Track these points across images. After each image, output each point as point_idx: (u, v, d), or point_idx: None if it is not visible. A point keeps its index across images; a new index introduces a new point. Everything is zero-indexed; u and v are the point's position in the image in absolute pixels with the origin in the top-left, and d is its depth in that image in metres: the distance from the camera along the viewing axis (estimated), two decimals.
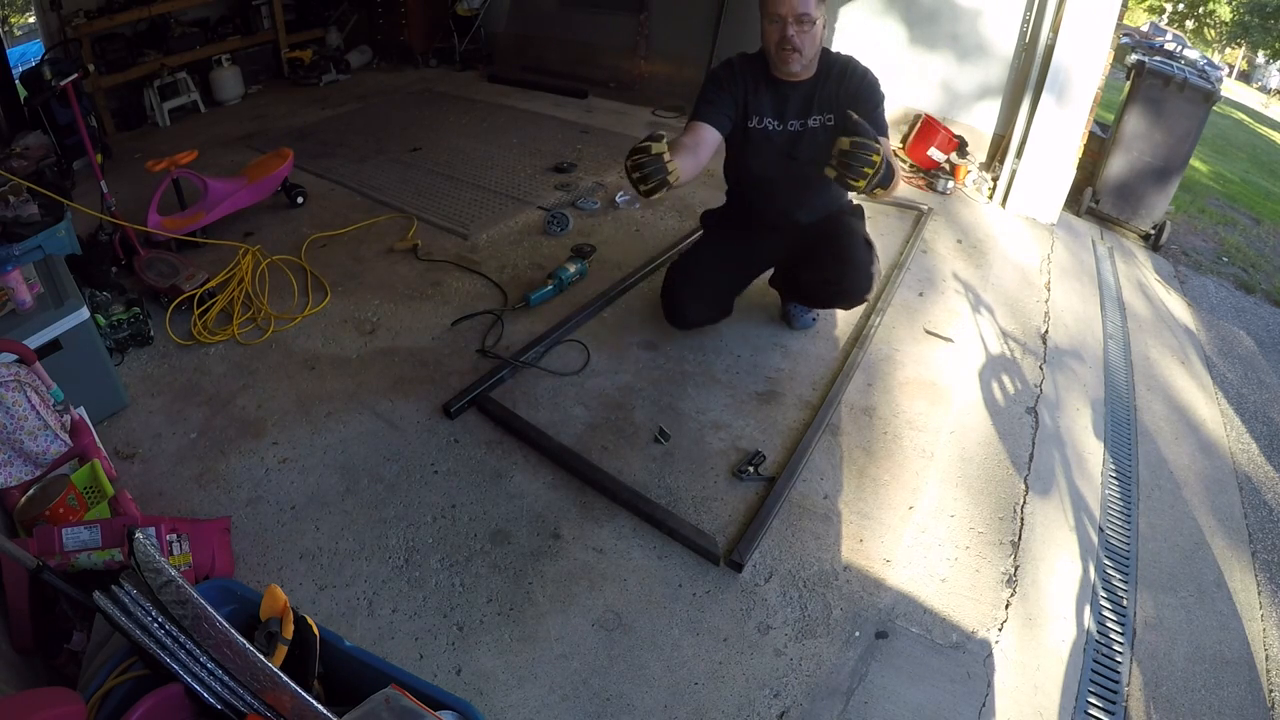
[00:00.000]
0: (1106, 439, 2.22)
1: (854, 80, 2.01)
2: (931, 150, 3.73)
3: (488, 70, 5.45)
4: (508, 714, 1.35)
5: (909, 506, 1.83)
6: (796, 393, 2.18)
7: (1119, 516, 1.96)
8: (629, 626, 1.51)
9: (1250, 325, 3.41)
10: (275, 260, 2.73)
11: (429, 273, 2.75)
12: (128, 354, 2.25)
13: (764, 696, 1.40)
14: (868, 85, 2.02)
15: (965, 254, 3.06)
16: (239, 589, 1.15)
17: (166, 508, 1.73)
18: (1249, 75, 21.74)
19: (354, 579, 1.59)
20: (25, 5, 4.78)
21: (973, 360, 2.38)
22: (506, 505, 1.78)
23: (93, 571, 1.24)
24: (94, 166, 2.65)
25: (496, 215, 3.19)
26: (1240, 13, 18.08)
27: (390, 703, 0.97)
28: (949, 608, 1.59)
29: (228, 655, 0.98)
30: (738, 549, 1.64)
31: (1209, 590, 1.81)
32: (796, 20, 1.87)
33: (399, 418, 2.03)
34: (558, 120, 4.43)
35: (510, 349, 2.30)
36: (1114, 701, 1.48)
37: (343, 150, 3.95)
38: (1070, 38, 3.22)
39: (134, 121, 4.56)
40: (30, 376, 1.53)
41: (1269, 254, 4.54)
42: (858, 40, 4.05)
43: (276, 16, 5.24)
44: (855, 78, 2.01)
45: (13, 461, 1.48)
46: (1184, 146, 3.57)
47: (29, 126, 3.48)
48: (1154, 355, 2.80)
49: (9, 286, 1.80)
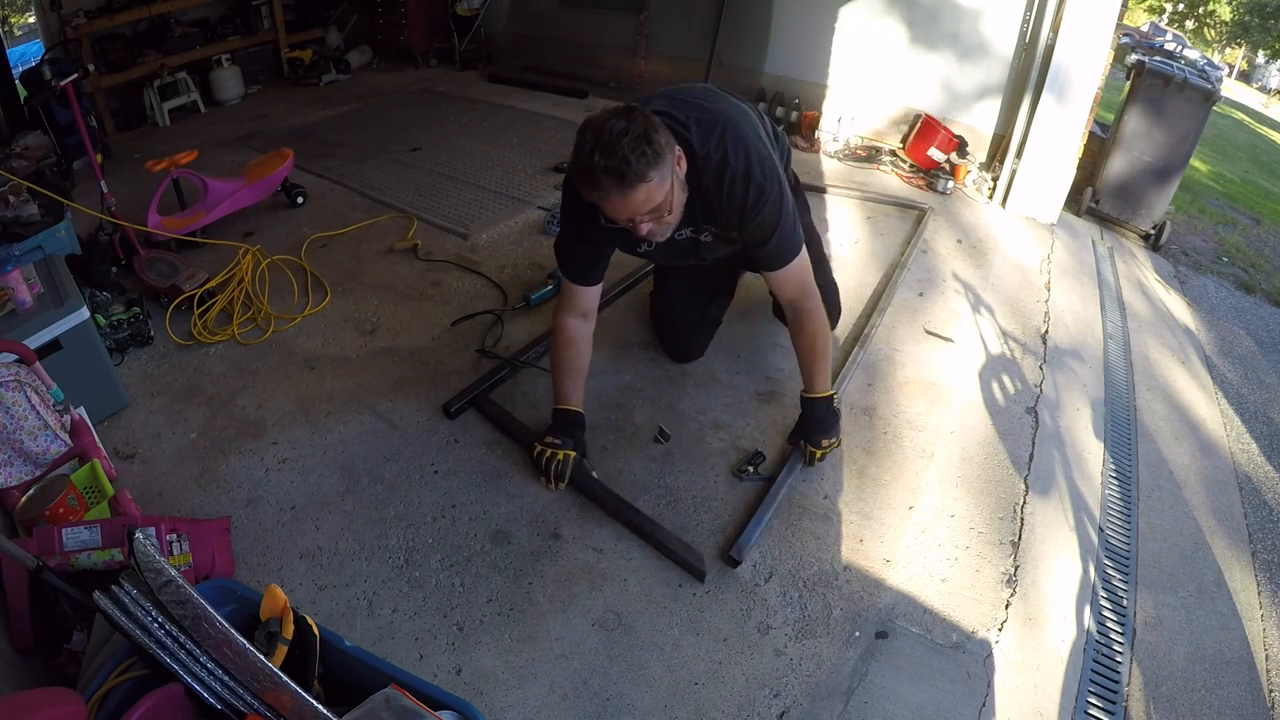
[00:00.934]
0: (1106, 439, 2.22)
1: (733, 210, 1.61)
2: (931, 150, 3.73)
3: (488, 70, 5.45)
4: (508, 714, 1.35)
5: (909, 506, 1.83)
6: (797, 392, 2.17)
7: (1119, 516, 1.96)
8: (629, 626, 1.51)
9: (1250, 325, 3.41)
10: (275, 260, 2.73)
11: (429, 273, 2.75)
12: (128, 354, 2.25)
13: (764, 696, 1.40)
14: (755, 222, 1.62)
15: (965, 254, 3.06)
16: (239, 589, 1.15)
17: (166, 508, 1.73)
18: (1249, 75, 21.74)
19: (354, 579, 1.59)
20: (25, 5, 4.78)
21: (973, 360, 2.38)
22: (506, 505, 1.78)
23: (93, 571, 1.24)
24: (94, 166, 2.65)
25: (496, 215, 3.19)
26: (1240, 13, 18.07)
27: (390, 703, 0.97)
28: (949, 608, 1.59)
29: (228, 655, 0.98)
30: (735, 545, 1.64)
31: (1209, 590, 1.81)
32: (644, 218, 1.49)
33: (399, 418, 2.03)
34: (558, 120, 4.43)
35: (510, 349, 2.30)
36: (1114, 701, 1.48)
37: (343, 150, 3.95)
38: (1070, 38, 3.22)
39: (134, 121, 4.57)
40: (30, 376, 1.53)
41: (1269, 254, 4.54)
42: (858, 40, 4.05)
43: (276, 16, 5.24)
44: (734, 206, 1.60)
45: (13, 461, 1.48)
46: (1184, 146, 3.57)
47: (29, 126, 3.48)
48: (1154, 355, 2.80)
49: (9, 286, 1.80)
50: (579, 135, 1.44)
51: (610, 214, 1.50)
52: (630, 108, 1.46)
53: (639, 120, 1.41)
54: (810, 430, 1.86)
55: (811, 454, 1.87)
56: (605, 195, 1.44)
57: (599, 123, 1.42)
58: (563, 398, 1.83)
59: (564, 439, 1.79)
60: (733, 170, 1.56)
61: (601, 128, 1.40)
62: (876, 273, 2.81)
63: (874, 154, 3.96)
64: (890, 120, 4.10)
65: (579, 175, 1.45)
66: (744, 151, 1.58)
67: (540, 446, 1.80)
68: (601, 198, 1.45)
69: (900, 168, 3.84)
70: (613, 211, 1.49)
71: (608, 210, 1.49)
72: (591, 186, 1.44)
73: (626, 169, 1.38)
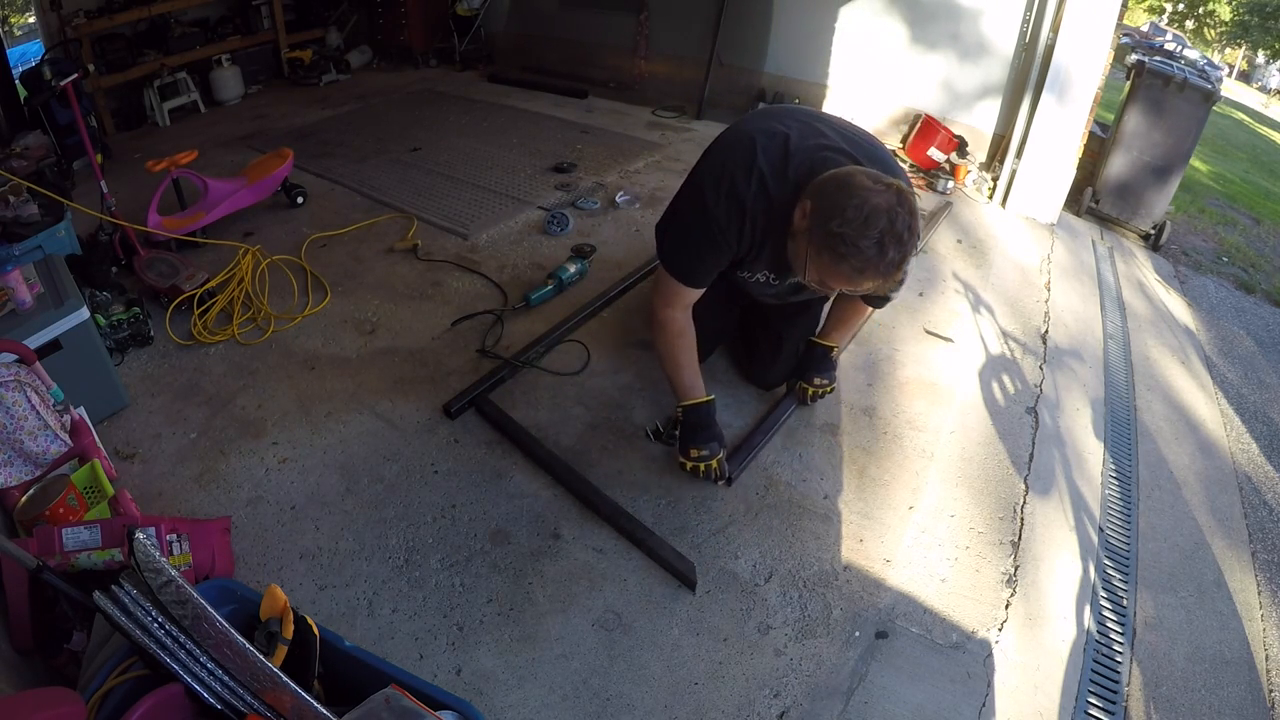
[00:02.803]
0: (1106, 439, 2.22)
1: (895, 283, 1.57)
2: (931, 150, 3.73)
3: (488, 70, 5.45)
4: (508, 714, 1.35)
5: (909, 506, 1.83)
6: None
7: (1119, 516, 1.96)
8: (629, 626, 1.51)
9: (1250, 325, 3.41)
10: (275, 260, 2.73)
11: (429, 273, 2.75)
12: (128, 354, 2.25)
13: (764, 696, 1.40)
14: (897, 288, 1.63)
15: (965, 254, 3.06)
16: (239, 589, 1.15)
17: (166, 508, 1.73)
18: (1249, 75, 21.73)
19: (354, 579, 1.59)
20: (25, 5, 4.78)
21: (973, 360, 2.38)
22: (506, 505, 1.78)
23: (93, 571, 1.24)
24: (94, 166, 2.64)
25: (496, 215, 3.19)
26: (1240, 13, 18.07)
27: (390, 703, 0.97)
28: (949, 608, 1.59)
29: (228, 655, 0.98)
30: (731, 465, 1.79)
31: (1209, 590, 1.81)
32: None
33: (399, 418, 2.03)
34: (558, 120, 4.43)
35: (510, 349, 2.30)
36: (1114, 701, 1.48)
37: (343, 150, 3.95)
38: (1070, 38, 3.22)
39: (134, 121, 4.56)
40: (30, 376, 1.53)
41: (1269, 254, 4.54)
42: (858, 40, 4.05)
43: (276, 16, 5.24)
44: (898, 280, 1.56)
45: (13, 461, 1.48)
46: (1184, 146, 3.57)
47: (29, 126, 3.48)
48: (1154, 355, 2.80)
49: (9, 286, 1.80)
50: (852, 201, 1.34)
51: (827, 284, 1.46)
52: (899, 188, 1.36)
53: (916, 212, 1.37)
54: (804, 369, 1.98)
55: (804, 390, 1.97)
56: (860, 279, 1.39)
57: (889, 207, 1.32)
58: (690, 391, 1.76)
59: (709, 445, 1.74)
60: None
61: (895, 219, 1.32)
62: None
63: None
64: (890, 120, 4.10)
65: (843, 251, 1.35)
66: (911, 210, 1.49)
67: (690, 463, 1.75)
68: (851, 279, 1.40)
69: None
70: (837, 284, 1.45)
71: (832, 281, 1.44)
72: (854, 271, 1.37)
73: (898, 272, 1.38)
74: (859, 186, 1.36)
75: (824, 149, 1.51)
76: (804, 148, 1.52)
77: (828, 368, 1.99)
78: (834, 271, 1.41)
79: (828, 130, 1.58)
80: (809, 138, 1.54)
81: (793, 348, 2.06)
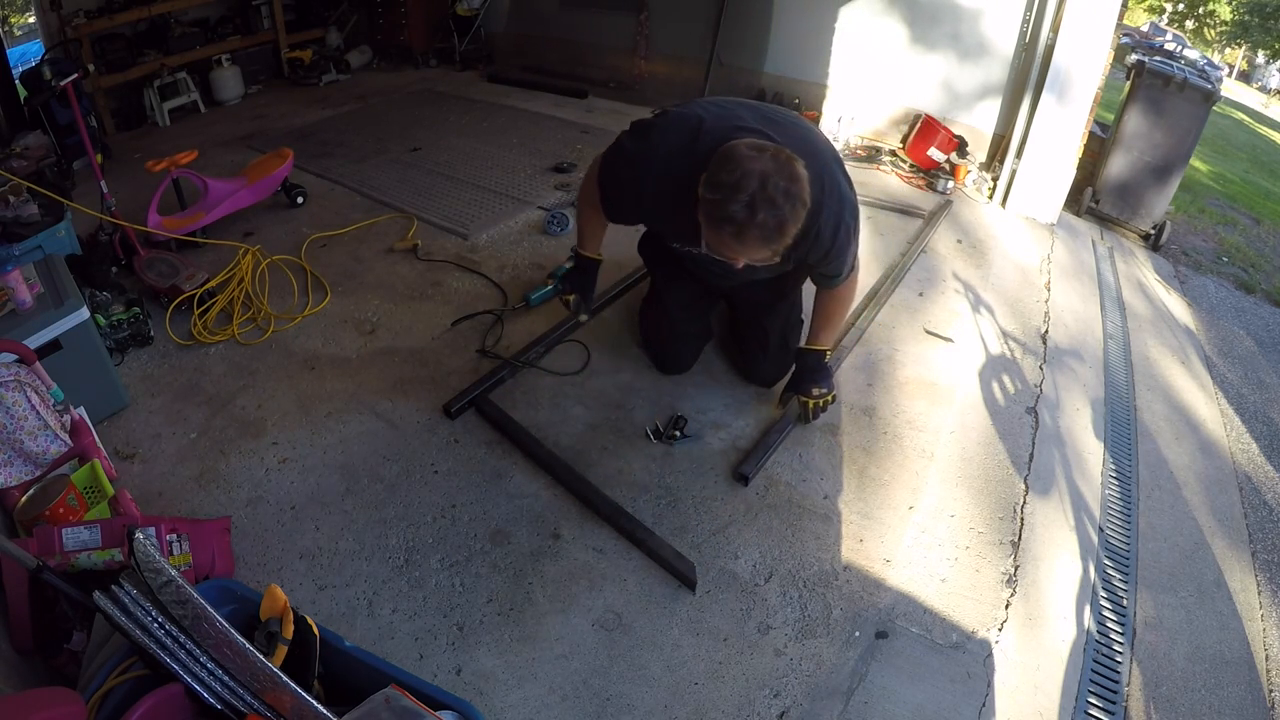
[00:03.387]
0: (1106, 439, 2.22)
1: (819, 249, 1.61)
2: (931, 150, 3.73)
3: (488, 70, 5.45)
4: (508, 714, 1.35)
5: (909, 506, 1.83)
6: None
7: (1119, 516, 1.96)
8: (629, 626, 1.51)
9: (1250, 325, 3.41)
10: (275, 260, 2.73)
11: (429, 273, 2.75)
12: (128, 354, 2.25)
13: (764, 696, 1.40)
14: (834, 260, 1.67)
15: (965, 254, 3.06)
16: (239, 589, 1.15)
17: (166, 508, 1.73)
18: (1249, 75, 21.72)
19: (354, 579, 1.59)
20: (25, 5, 4.78)
21: (973, 360, 2.38)
22: (506, 505, 1.78)
23: (93, 571, 1.24)
24: (94, 166, 2.64)
25: (496, 215, 3.19)
26: (1240, 13, 18.07)
27: (390, 703, 0.97)
28: (949, 608, 1.59)
29: (228, 655, 0.98)
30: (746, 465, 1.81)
31: (1209, 590, 1.81)
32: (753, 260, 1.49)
33: (399, 418, 2.03)
34: (558, 120, 4.43)
35: (510, 349, 2.30)
36: (1114, 701, 1.48)
37: (343, 150, 3.95)
38: (1070, 38, 3.22)
39: (134, 121, 4.56)
40: (30, 376, 1.53)
41: (1269, 254, 4.54)
42: (858, 40, 4.05)
43: (276, 16, 5.24)
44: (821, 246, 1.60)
45: (13, 461, 1.48)
46: (1184, 146, 3.57)
47: (29, 126, 3.48)
48: (1154, 355, 2.80)
49: (9, 286, 1.80)
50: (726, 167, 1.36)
51: (720, 253, 1.46)
52: (781, 153, 1.38)
53: (798, 176, 1.36)
54: (798, 380, 1.95)
55: (804, 405, 1.94)
56: (741, 247, 1.40)
57: (761, 171, 1.34)
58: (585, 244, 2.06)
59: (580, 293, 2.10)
60: (827, 212, 1.53)
61: (766, 181, 1.33)
62: (876, 272, 2.81)
63: (874, 154, 3.96)
64: (890, 120, 4.10)
65: (719, 216, 1.37)
66: (837, 193, 1.56)
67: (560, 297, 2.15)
68: (734, 247, 1.41)
69: (900, 168, 3.84)
70: (727, 253, 1.44)
71: (721, 249, 1.44)
72: (732, 237, 1.38)
73: (779, 236, 1.37)
74: (738, 155, 1.37)
75: (737, 130, 1.52)
76: (716, 129, 1.53)
77: (824, 375, 1.94)
78: (718, 238, 1.43)
79: (747, 114, 1.60)
80: (725, 120, 1.56)
81: (779, 339, 2.07)
